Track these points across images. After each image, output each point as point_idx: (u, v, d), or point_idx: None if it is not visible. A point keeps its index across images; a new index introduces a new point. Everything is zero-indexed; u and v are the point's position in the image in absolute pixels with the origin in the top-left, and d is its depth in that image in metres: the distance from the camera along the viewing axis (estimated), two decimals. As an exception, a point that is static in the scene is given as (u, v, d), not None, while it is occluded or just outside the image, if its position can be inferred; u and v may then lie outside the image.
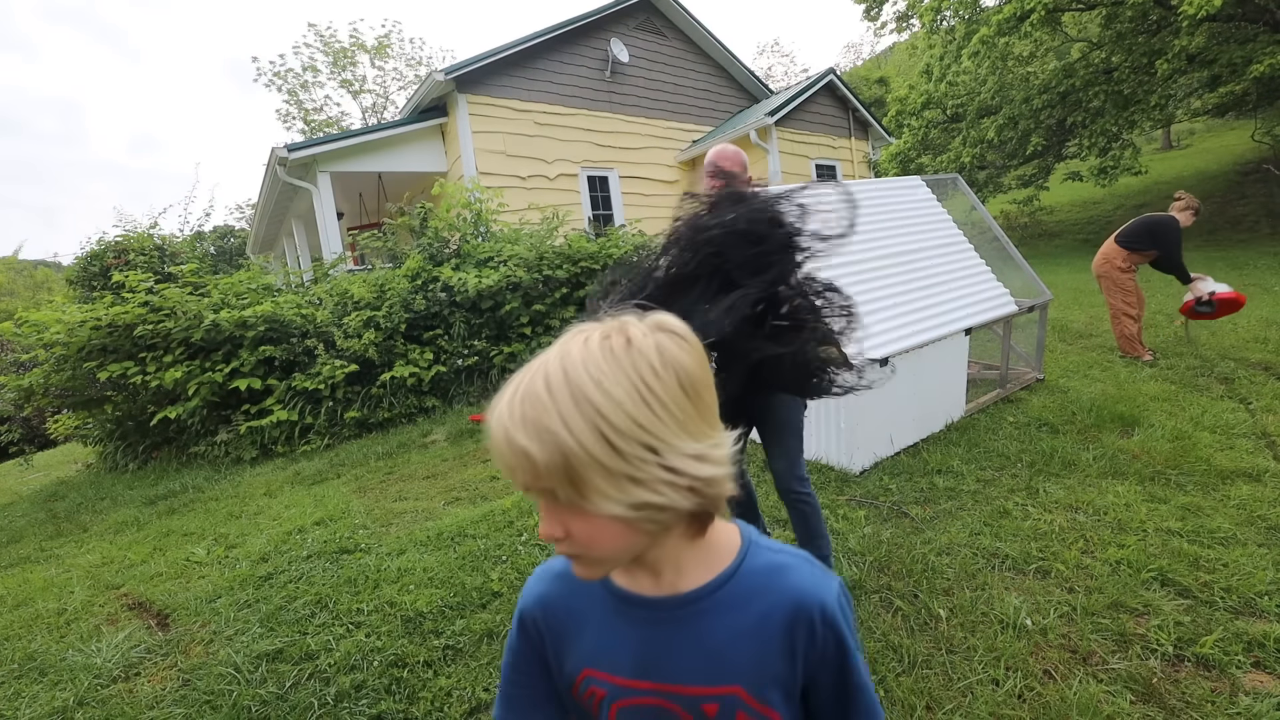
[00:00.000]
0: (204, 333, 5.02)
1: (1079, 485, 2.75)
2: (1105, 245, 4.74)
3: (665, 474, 0.48)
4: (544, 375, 0.49)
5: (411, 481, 4.00)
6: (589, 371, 0.48)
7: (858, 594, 2.13)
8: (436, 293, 5.73)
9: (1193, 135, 20.84)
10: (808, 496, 2.00)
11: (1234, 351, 4.46)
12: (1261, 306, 5.64)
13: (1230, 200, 11.90)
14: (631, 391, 0.48)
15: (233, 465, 5.06)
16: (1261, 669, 1.63)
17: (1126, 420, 3.40)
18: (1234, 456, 2.85)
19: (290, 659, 2.10)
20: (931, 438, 3.50)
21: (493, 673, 1.92)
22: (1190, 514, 2.40)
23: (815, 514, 2.02)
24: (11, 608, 2.84)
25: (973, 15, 11.81)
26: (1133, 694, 1.59)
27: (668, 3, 10.84)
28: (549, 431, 0.46)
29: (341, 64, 21.24)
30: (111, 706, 1.96)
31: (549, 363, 0.50)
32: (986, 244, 4.47)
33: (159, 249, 7.26)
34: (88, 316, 4.97)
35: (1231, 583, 1.95)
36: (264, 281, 6.03)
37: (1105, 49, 11.23)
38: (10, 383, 5.24)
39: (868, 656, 1.81)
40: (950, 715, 1.58)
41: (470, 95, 8.73)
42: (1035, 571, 2.15)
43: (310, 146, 8.10)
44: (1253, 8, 9.13)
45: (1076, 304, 6.72)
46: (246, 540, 3.28)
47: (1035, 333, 4.44)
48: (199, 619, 2.47)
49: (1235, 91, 10.60)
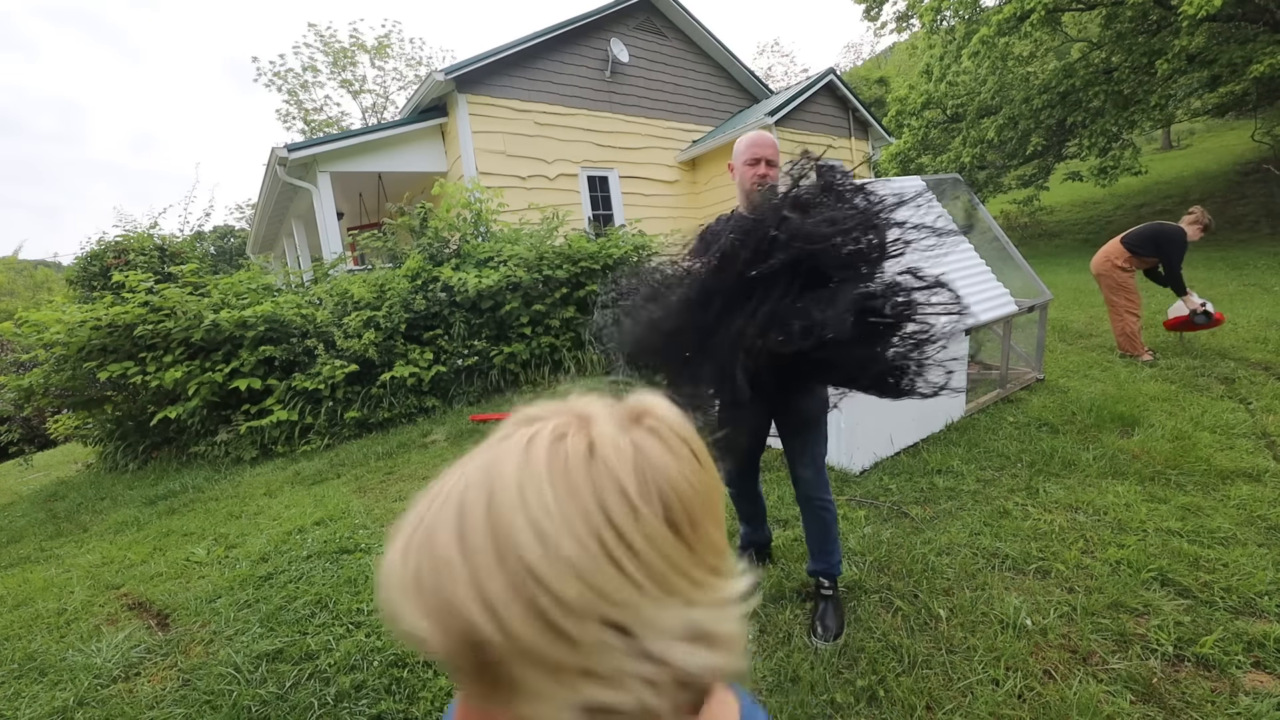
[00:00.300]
0: (204, 333, 5.02)
1: (1079, 485, 2.75)
2: (1108, 245, 4.75)
3: (641, 665, 0.32)
4: (456, 510, 0.33)
5: (411, 481, 4.00)
6: (526, 508, 0.31)
7: (858, 594, 2.13)
8: (436, 293, 5.73)
9: (1193, 135, 20.85)
10: (831, 504, 1.98)
11: (1234, 351, 4.46)
12: (1261, 306, 5.64)
13: (1230, 200, 11.90)
14: (590, 541, 0.31)
15: (233, 465, 5.06)
16: (1261, 669, 1.63)
17: (1126, 420, 3.40)
18: (1234, 456, 2.85)
19: (290, 659, 2.10)
20: (931, 438, 3.50)
21: (493, 673, 1.92)
22: (1190, 514, 2.40)
23: (835, 522, 2.01)
24: (11, 608, 2.84)
25: (973, 15, 11.82)
26: (1133, 694, 1.59)
27: (668, 3, 10.83)
28: (453, 611, 0.31)
29: (341, 64, 21.24)
30: (111, 706, 1.96)
31: (467, 488, 0.33)
32: (986, 244, 4.47)
33: (159, 249, 7.27)
34: (88, 316, 4.97)
35: (1231, 583, 1.95)
36: (264, 281, 6.03)
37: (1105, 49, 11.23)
38: (10, 383, 5.24)
39: (868, 656, 1.81)
40: (950, 715, 1.58)
41: (470, 95, 8.72)
42: (1035, 571, 2.15)
43: (310, 146, 8.09)
44: (1253, 8, 9.14)
45: (1076, 304, 6.72)
46: (246, 540, 3.28)
47: (1035, 333, 4.45)
48: (199, 619, 2.47)
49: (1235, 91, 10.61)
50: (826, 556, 2.00)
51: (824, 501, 1.96)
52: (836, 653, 1.85)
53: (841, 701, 1.66)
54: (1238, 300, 6.10)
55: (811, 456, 1.95)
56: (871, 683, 1.70)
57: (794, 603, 2.12)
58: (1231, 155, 14.80)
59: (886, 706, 1.63)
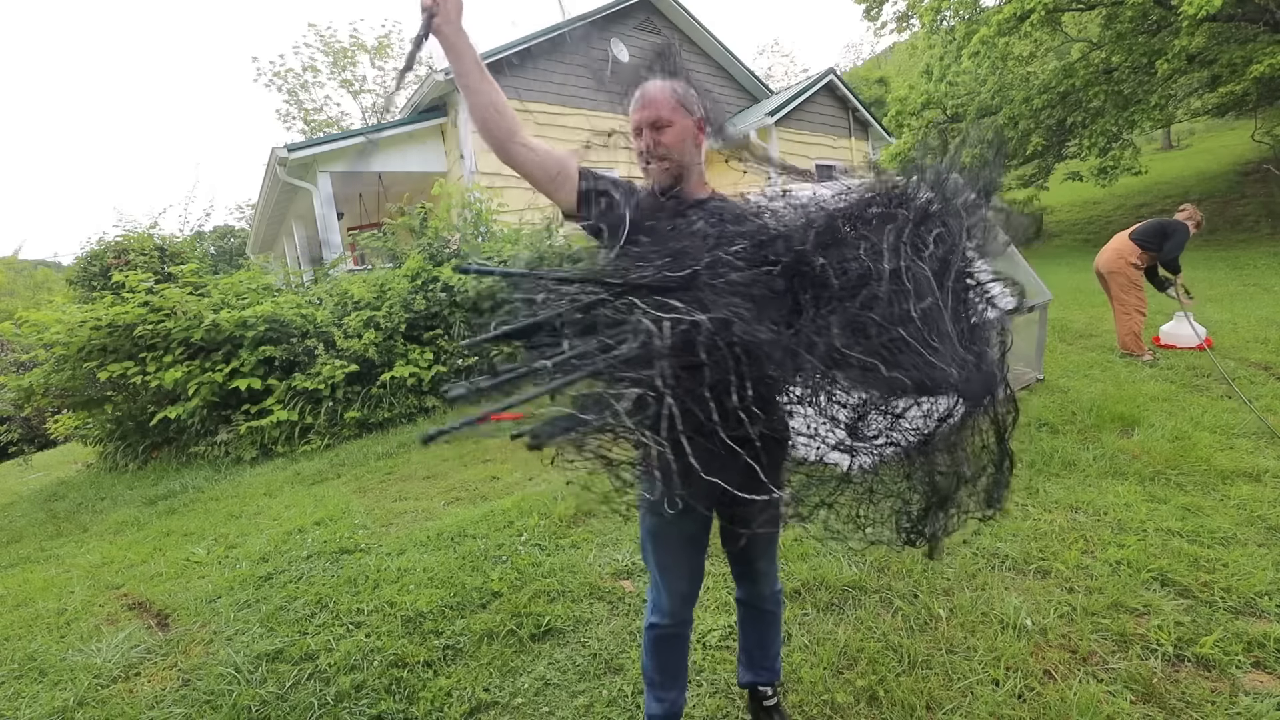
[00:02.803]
0: (204, 333, 5.03)
1: (1079, 485, 2.75)
2: (1117, 243, 4.74)
3: None
4: None
5: (411, 481, 4.00)
6: None
7: (858, 594, 2.13)
8: (436, 293, 5.74)
9: (1193, 135, 20.84)
10: (781, 590, 1.58)
11: (1234, 351, 4.46)
12: (1261, 306, 5.64)
13: (1230, 200, 11.90)
14: None
15: (233, 465, 5.06)
16: (1261, 669, 1.63)
17: (1126, 420, 3.40)
18: (1234, 456, 2.85)
19: (290, 659, 2.10)
20: (931, 438, 3.50)
21: (492, 673, 1.92)
22: (1190, 514, 2.40)
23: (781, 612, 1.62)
24: (11, 608, 2.85)
25: (973, 15, 11.81)
26: (1133, 694, 1.59)
27: (668, 3, 10.84)
28: None
29: (341, 64, 21.25)
30: (111, 706, 1.96)
31: None
32: (986, 244, 4.46)
33: (159, 249, 7.26)
34: (88, 316, 4.97)
35: (1231, 583, 1.95)
36: (264, 281, 6.04)
37: (1105, 49, 11.22)
38: (10, 383, 5.24)
39: (868, 656, 1.81)
40: (950, 715, 1.58)
41: (470, 95, 8.73)
42: (1035, 571, 2.15)
43: (310, 146, 8.10)
44: (1253, 8, 9.13)
45: (1076, 304, 6.71)
46: (246, 540, 3.28)
47: (1035, 333, 4.44)
48: (199, 619, 2.47)
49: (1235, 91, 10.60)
50: (773, 660, 1.59)
51: (778, 593, 1.55)
52: (837, 653, 1.85)
53: (841, 701, 1.66)
54: (1238, 300, 6.10)
55: (773, 543, 1.49)
56: (871, 683, 1.70)
57: (794, 602, 2.12)
58: (1231, 155, 14.79)
59: (886, 707, 1.63)
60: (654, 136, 1.29)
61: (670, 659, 1.46)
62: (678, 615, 1.41)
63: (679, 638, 1.45)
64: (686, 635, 1.48)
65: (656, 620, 1.41)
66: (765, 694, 1.61)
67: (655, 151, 1.30)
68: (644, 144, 1.30)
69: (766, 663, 1.59)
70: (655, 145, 1.29)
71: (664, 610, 1.40)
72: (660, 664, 1.45)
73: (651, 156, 1.31)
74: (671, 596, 1.38)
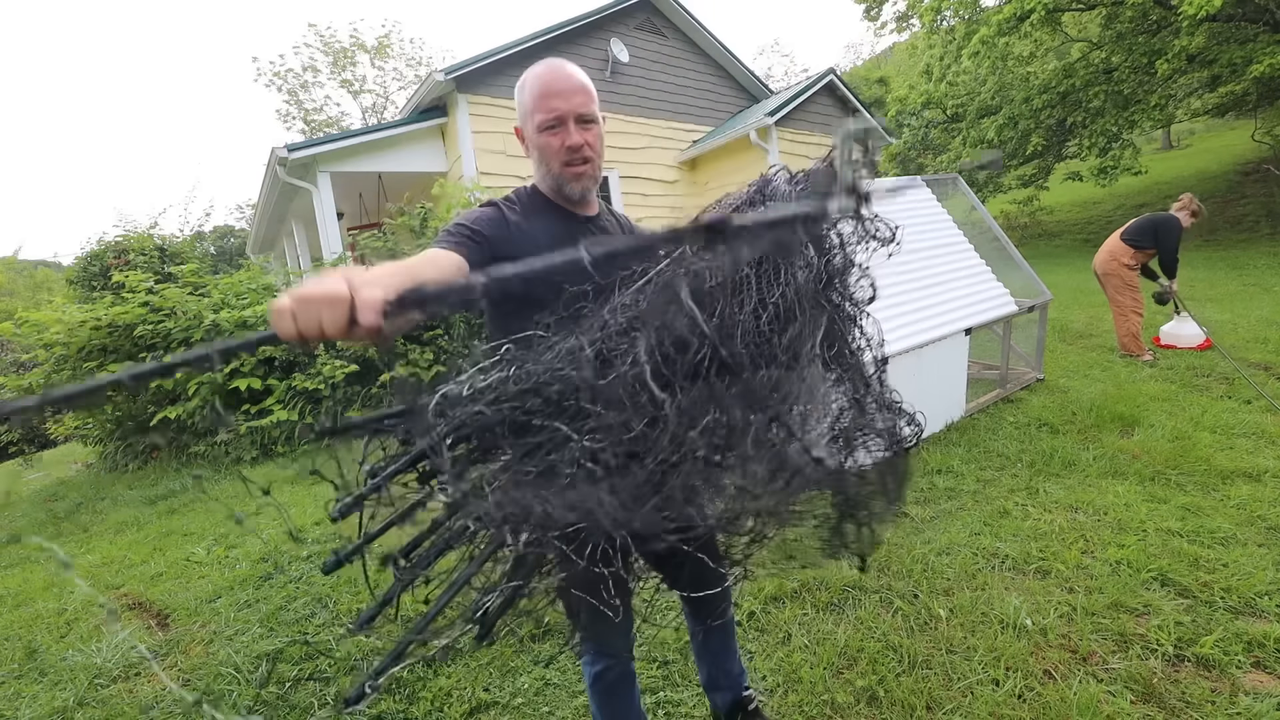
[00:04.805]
0: (204, 333, 5.03)
1: (1079, 485, 2.75)
2: (1110, 244, 4.74)
3: None
4: None
5: (411, 481, 4.00)
6: None
7: (858, 594, 2.13)
8: (436, 293, 5.74)
9: (1193, 135, 20.84)
10: (730, 593, 1.51)
11: (1234, 352, 4.46)
12: (1261, 306, 5.64)
13: (1230, 200, 11.89)
14: None
15: (233, 465, 5.07)
16: (1261, 669, 1.63)
17: (1126, 420, 3.40)
18: (1234, 456, 2.85)
19: (290, 659, 2.10)
20: (931, 438, 3.50)
21: (492, 673, 1.92)
22: (1190, 514, 2.40)
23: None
24: (11, 608, 2.85)
25: (973, 15, 11.81)
26: (1133, 694, 1.59)
27: (668, 3, 10.83)
28: None
29: (341, 64, 21.26)
30: (111, 706, 1.96)
31: None
32: (986, 244, 4.47)
33: (159, 249, 7.27)
34: (88, 317, 4.98)
35: (1231, 583, 1.95)
36: (264, 282, 6.03)
37: (1105, 49, 11.23)
38: (10, 383, 5.25)
39: (868, 656, 1.81)
40: (950, 715, 1.58)
41: (470, 95, 8.72)
42: (1035, 571, 2.15)
43: (310, 146, 8.09)
44: (1253, 8, 9.14)
45: (1076, 304, 6.71)
46: (246, 540, 3.28)
47: (1035, 333, 4.44)
48: (199, 619, 2.47)
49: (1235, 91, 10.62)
50: (740, 676, 1.55)
51: (729, 607, 1.51)
52: (836, 653, 1.85)
53: (841, 701, 1.66)
54: (1238, 300, 6.09)
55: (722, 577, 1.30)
56: (871, 683, 1.71)
57: (794, 602, 2.12)
58: (1231, 155, 14.79)
59: (886, 707, 1.63)
60: (584, 135, 1.11)
61: (623, 705, 1.33)
62: (623, 650, 1.31)
63: (627, 675, 1.33)
64: (633, 670, 1.36)
65: (602, 667, 1.28)
66: (746, 701, 1.54)
67: (584, 153, 1.12)
68: (575, 140, 1.10)
69: (741, 676, 1.55)
70: (586, 144, 1.11)
71: (608, 652, 1.27)
72: (618, 714, 1.31)
73: (582, 158, 1.12)
74: (610, 640, 1.26)
